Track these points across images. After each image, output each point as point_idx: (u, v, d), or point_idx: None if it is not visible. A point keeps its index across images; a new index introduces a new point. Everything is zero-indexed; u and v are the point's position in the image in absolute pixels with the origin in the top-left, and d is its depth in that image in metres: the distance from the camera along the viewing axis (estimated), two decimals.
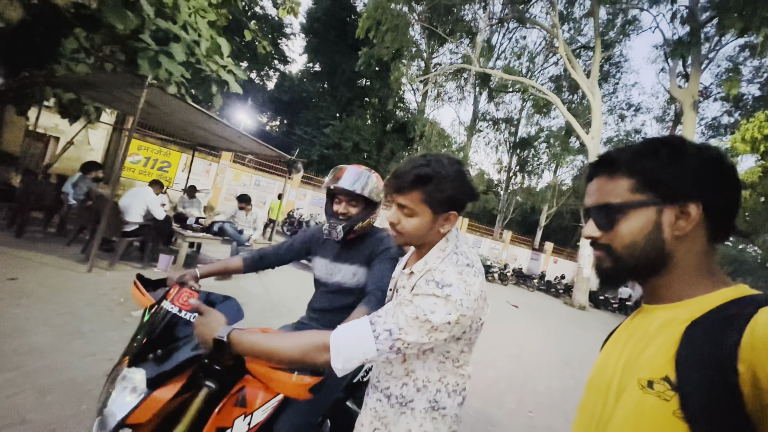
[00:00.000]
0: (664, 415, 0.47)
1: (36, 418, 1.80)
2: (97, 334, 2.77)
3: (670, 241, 0.55)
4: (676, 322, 0.52)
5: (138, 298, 1.17)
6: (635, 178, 0.58)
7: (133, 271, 4.46)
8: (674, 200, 0.55)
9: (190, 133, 6.31)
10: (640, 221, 0.57)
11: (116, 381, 0.91)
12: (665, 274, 0.57)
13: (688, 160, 0.55)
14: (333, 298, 1.47)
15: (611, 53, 20.56)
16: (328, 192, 1.43)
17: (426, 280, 0.83)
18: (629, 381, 0.52)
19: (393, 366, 0.91)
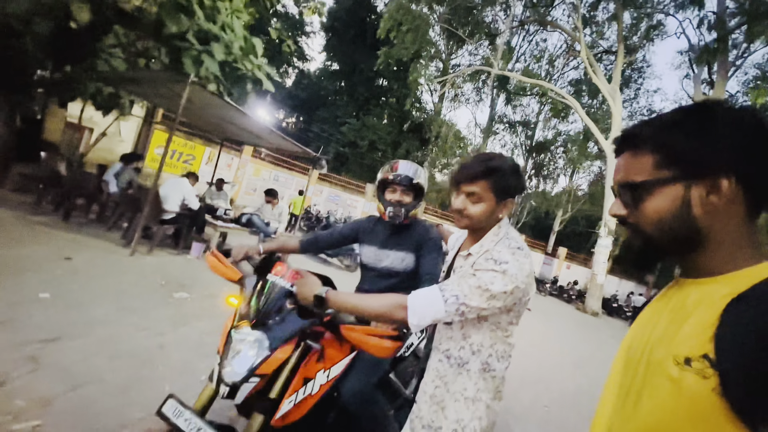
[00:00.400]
0: (703, 393, 0.45)
1: (110, 379, 2.03)
2: (147, 311, 3.02)
3: (702, 218, 0.52)
4: (715, 297, 0.49)
5: (221, 270, 1.34)
6: (660, 154, 0.54)
7: (169, 257, 4.74)
8: (704, 175, 0.51)
9: (221, 128, 6.59)
10: (666, 199, 0.54)
11: (241, 341, 1.08)
12: (701, 250, 0.54)
13: (716, 130, 0.51)
14: (381, 281, 1.66)
15: (634, 58, 20.26)
16: (381, 183, 1.61)
17: (485, 258, 0.99)
18: (665, 357, 0.50)
19: (453, 331, 1.06)
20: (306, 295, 1.03)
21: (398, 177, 1.55)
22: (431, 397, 1.05)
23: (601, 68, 18.24)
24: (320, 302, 1.01)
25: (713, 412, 0.44)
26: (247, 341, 1.07)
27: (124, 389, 1.98)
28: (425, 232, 1.61)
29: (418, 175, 1.56)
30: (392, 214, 1.55)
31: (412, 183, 1.55)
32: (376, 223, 1.73)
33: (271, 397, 1.08)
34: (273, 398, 1.08)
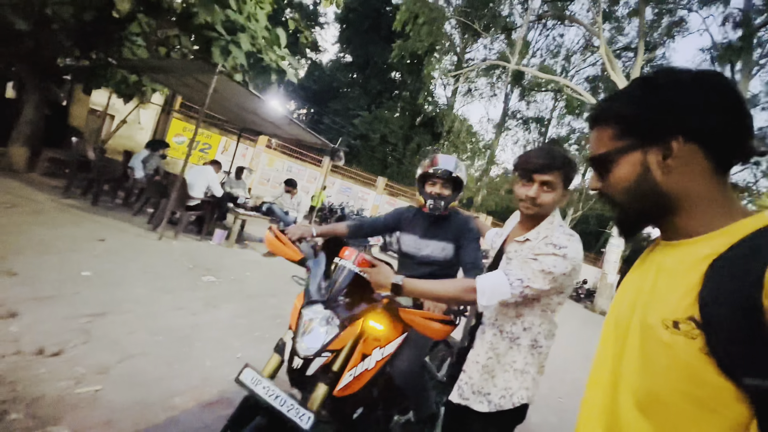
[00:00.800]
0: (691, 353, 0.47)
1: (154, 353, 2.16)
2: (180, 292, 3.15)
3: (664, 180, 0.54)
4: (697, 258, 0.50)
5: (280, 249, 1.41)
6: (617, 125, 0.58)
7: (192, 242, 4.88)
8: (656, 140, 0.54)
9: (241, 118, 6.69)
10: (628, 167, 0.57)
11: (313, 319, 1.17)
12: (676, 213, 0.55)
13: (660, 95, 0.54)
14: (420, 268, 1.73)
15: (654, 56, 19.83)
16: (422, 176, 1.68)
17: (545, 243, 1.10)
18: (655, 321, 0.51)
19: (508, 309, 1.15)
20: (382, 283, 1.12)
21: (438, 170, 1.61)
22: (483, 367, 1.16)
23: (619, 65, 17.90)
24: (397, 289, 1.11)
25: (702, 369, 0.46)
26: (319, 319, 1.16)
27: (169, 363, 2.11)
28: (464, 223, 1.67)
29: (458, 169, 1.63)
30: (432, 206, 1.62)
31: (451, 176, 1.62)
32: (416, 213, 1.80)
33: (334, 370, 1.17)
34: (335, 371, 1.17)
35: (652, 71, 0.57)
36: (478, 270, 1.55)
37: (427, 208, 1.63)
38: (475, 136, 24.08)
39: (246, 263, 4.73)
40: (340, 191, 15.83)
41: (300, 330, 1.15)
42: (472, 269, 1.55)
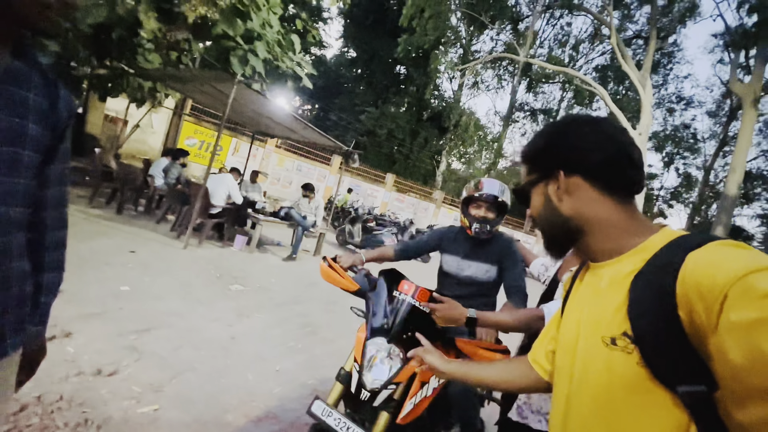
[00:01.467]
0: (630, 366, 0.50)
1: (201, 368, 2.24)
2: (213, 302, 3.24)
3: (563, 207, 0.63)
4: (621, 276, 0.56)
5: (336, 280, 1.46)
6: (528, 164, 0.70)
7: (215, 249, 4.98)
8: (549, 173, 0.64)
9: (255, 121, 6.75)
10: (536, 197, 0.68)
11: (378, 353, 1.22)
12: (589, 234, 0.62)
13: (547, 138, 0.67)
14: (461, 288, 1.78)
15: (665, 44, 19.42)
16: (467, 199, 1.72)
17: None
18: (594, 339, 0.56)
19: None
20: (456, 318, 1.18)
21: (483, 195, 1.65)
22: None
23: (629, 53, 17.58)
24: (471, 322, 1.18)
25: (641, 381, 0.50)
26: (383, 353, 1.21)
27: (215, 377, 2.19)
28: (507, 246, 1.72)
29: (503, 193, 1.66)
30: (478, 230, 1.66)
31: (496, 200, 1.66)
32: (458, 233, 1.85)
33: (395, 398, 1.23)
34: (397, 399, 1.23)
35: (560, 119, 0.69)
36: (522, 293, 1.60)
37: (472, 231, 1.67)
38: (483, 130, 23.87)
39: (269, 269, 4.82)
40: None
41: (366, 363, 1.21)
42: (516, 292, 1.60)
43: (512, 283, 1.63)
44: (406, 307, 1.28)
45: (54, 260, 0.82)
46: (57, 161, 0.77)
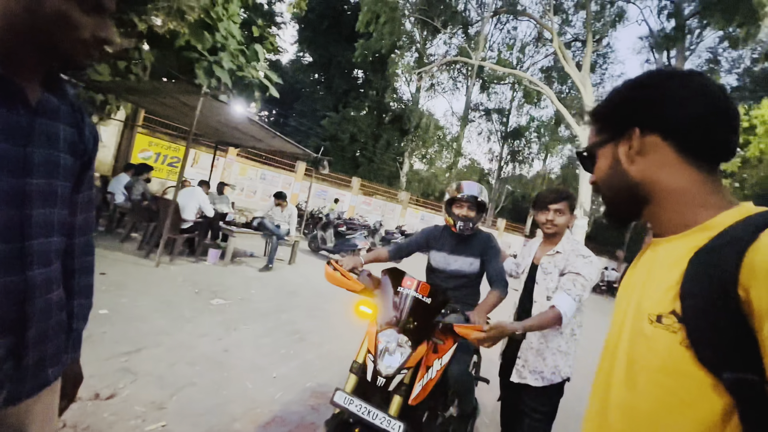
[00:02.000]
0: (673, 346, 0.47)
1: (198, 382, 2.26)
2: (197, 318, 3.21)
3: (633, 170, 0.57)
4: (680, 253, 0.51)
5: (341, 281, 1.59)
6: (597, 123, 0.64)
7: (188, 265, 4.85)
8: (622, 132, 0.58)
9: (220, 132, 6.61)
10: (604, 159, 0.62)
11: (390, 343, 1.36)
12: (655, 203, 0.57)
13: (623, 92, 0.59)
14: (449, 281, 1.98)
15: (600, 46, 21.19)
16: (450, 200, 1.92)
17: (575, 255, 1.59)
18: (641, 316, 0.53)
19: None
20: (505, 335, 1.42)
21: (465, 196, 1.86)
22: (537, 351, 1.60)
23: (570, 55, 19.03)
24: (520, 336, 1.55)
25: (683, 363, 0.47)
26: (394, 343, 1.36)
27: (215, 389, 2.22)
28: (488, 241, 1.94)
29: (482, 194, 1.88)
30: (462, 228, 1.86)
31: (476, 200, 1.87)
32: (443, 232, 2.04)
33: (405, 383, 1.38)
34: (407, 383, 1.38)
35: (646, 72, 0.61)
36: (503, 281, 1.82)
37: (456, 229, 1.87)
38: (442, 130, 24.67)
39: (247, 281, 4.78)
40: (315, 195, 15.80)
41: (379, 353, 1.35)
42: (498, 280, 1.81)
43: (494, 273, 1.85)
44: (410, 301, 1.44)
45: (84, 286, 0.84)
46: (84, 188, 0.80)
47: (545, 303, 1.58)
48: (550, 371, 1.58)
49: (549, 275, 1.64)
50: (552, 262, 1.65)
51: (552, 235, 1.70)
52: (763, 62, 17.30)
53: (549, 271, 1.65)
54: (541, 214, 1.69)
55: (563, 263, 1.61)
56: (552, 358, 1.59)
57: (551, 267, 1.65)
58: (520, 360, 1.63)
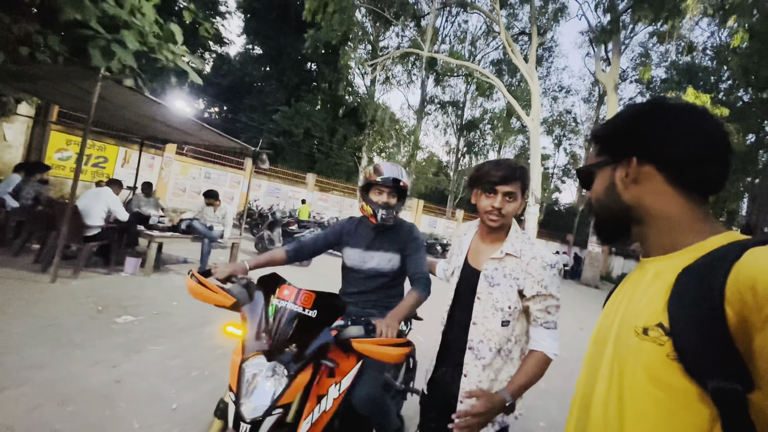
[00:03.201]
0: (659, 358, 0.49)
1: (65, 428, 1.81)
2: (92, 342, 2.70)
3: (626, 194, 0.60)
4: (668, 270, 0.53)
5: (207, 296, 1.22)
6: (599, 144, 0.66)
7: (98, 278, 4.21)
8: (621, 158, 0.61)
9: (141, 126, 5.89)
10: (601, 179, 0.65)
11: (257, 374, 1.03)
12: (646, 225, 0.60)
13: (622, 119, 0.62)
14: (367, 282, 1.69)
15: (545, 39, 22.03)
16: (366, 185, 1.62)
17: (541, 265, 1.13)
18: (627, 329, 0.54)
19: (508, 330, 1.16)
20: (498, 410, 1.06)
21: (385, 179, 1.57)
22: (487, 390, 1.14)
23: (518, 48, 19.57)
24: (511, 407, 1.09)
25: (668, 374, 0.48)
26: (263, 373, 1.03)
27: None
28: (410, 232, 1.66)
29: (403, 176, 1.60)
30: (385, 217, 1.57)
31: (397, 184, 1.59)
32: (359, 224, 1.74)
33: (288, 422, 1.06)
34: (290, 422, 1.07)
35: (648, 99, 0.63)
36: (425, 279, 1.55)
37: (377, 219, 1.58)
38: (399, 123, 24.54)
39: (171, 291, 4.23)
40: (268, 193, 15.04)
41: (243, 389, 1.02)
42: (419, 279, 1.55)
43: (415, 270, 1.58)
44: (288, 316, 1.12)
45: None
46: None
47: (494, 329, 1.14)
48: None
49: (496, 287, 1.15)
50: (500, 269, 1.16)
51: (496, 229, 1.19)
52: (686, 55, 18.83)
53: (496, 281, 1.15)
54: (484, 197, 1.17)
55: (520, 273, 1.14)
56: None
57: (499, 276, 1.15)
58: (463, 405, 1.12)
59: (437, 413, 1.22)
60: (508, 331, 1.15)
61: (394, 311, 1.35)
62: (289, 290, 1.17)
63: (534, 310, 1.14)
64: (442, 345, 1.26)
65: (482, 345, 1.15)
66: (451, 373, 1.22)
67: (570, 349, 5.04)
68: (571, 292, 12.51)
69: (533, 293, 1.12)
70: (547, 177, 27.90)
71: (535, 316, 1.14)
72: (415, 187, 24.04)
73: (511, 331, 1.16)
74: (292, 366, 1.06)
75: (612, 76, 16.28)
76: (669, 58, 22.79)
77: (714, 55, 20.43)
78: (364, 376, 1.36)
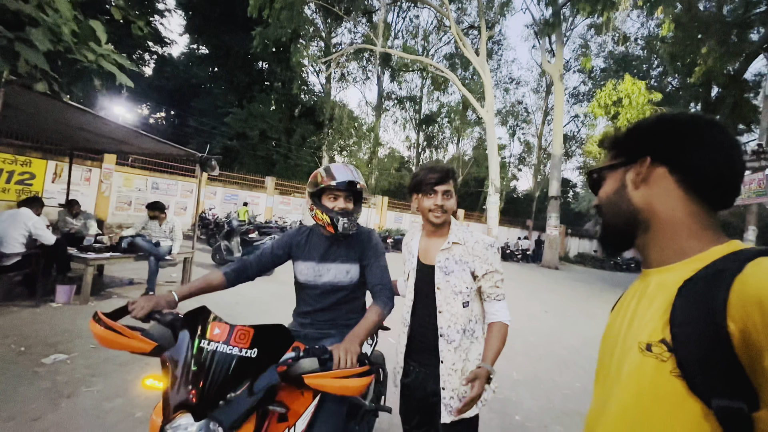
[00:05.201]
0: (662, 375, 0.48)
1: None
2: (8, 393, 2.29)
3: (634, 194, 0.60)
4: (670, 283, 0.53)
5: (119, 342, 0.98)
6: (614, 147, 0.66)
7: (24, 313, 3.68)
8: (633, 159, 0.60)
9: (66, 136, 5.25)
10: (611, 182, 0.64)
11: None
12: (651, 232, 0.59)
13: (643, 123, 0.62)
14: (324, 298, 1.51)
15: (494, 33, 22.68)
16: (319, 191, 1.43)
17: (483, 247, 1.30)
18: (632, 344, 0.54)
19: (469, 311, 1.29)
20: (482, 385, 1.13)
21: (341, 183, 1.39)
22: (461, 371, 1.25)
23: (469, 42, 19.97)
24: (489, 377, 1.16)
25: (672, 392, 0.47)
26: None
27: None
28: (368, 239, 1.50)
29: (358, 177, 1.44)
30: (347, 225, 1.40)
31: (354, 187, 1.42)
32: (310, 234, 1.55)
33: None
34: None
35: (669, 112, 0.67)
36: (387, 291, 1.41)
37: (337, 229, 1.40)
38: (357, 121, 24.28)
39: None
40: (224, 200, 14.28)
41: None
42: (381, 291, 1.40)
43: (376, 281, 1.43)
44: (221, 360, 0.92)
45: None
46: None
47: (458, 312, 1.27)
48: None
49: (452, 275, 1.28)
50: (451, 257, 1.31)
51: (440, 225, 1.34)
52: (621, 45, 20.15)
53: (450, 269, 1.29)
54: (426, 198, 1.32)
55: (468, 257, 1.29)
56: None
57: (451, 264, 1.30)
58: (446, 392, 1.23)
59: (420, 417, 1.33)
60: (469, 311, 1.29)
61: (354, 332, 1.18)
62: (221, 328, 0.97)
63: (486, 288, 1.30)
64: (408, 342, 1.36)
65: (450, 329, 1.27)
66: (423, 373, 1.31)
67: (537, 333, 5.16)
68: (536, 276, 13.01)
69: (483, 272, 1.28)
70: (504, 166, 28.94)
71: (487, 293, 1.30)
72: (379, 184, 23.94)
73: (471, 312, 1.29)
74: (229, 421, 0.87)
75: (557, 67, 17.05)
76: (606, 48, 24.35)
77: (645, 45, 22.08)
78: (322, 412, 1.19)
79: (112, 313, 1.06)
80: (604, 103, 13.33)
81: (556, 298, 8.71)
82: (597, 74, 24.91)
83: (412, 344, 1.35)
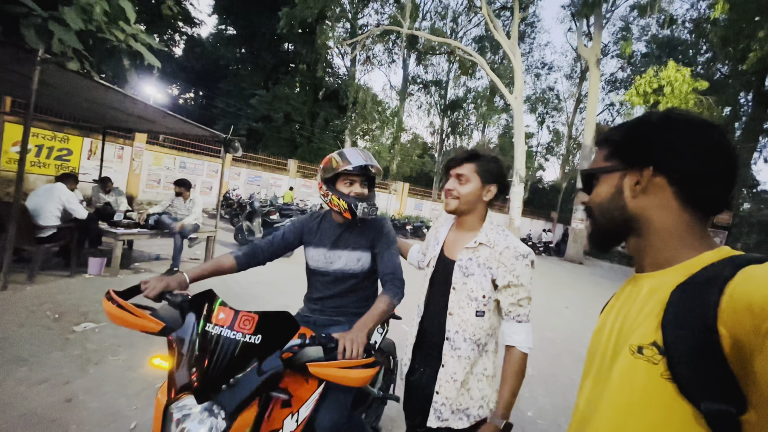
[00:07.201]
0: (653, 378, 0.48)
1: None
2: (42, 357, 2.45)
3: (632, 203, 0.59)
4: (662, 287, 0.53)
5: (130, 321, 1.00)
6: (609, 148, 0.63)
7: (59, 282, 3.91)
8: (633, 165, 0.59)
9: (100, 115, 5.43)
10: (607, 185, 0.63)
11: (186, 419, 0.84)
12: (643, 238, 0.60)
13: (645, 128, 0.59)
14: (335, 286, 1.49)
15: (527, 14, 21.60)
16: (334, 176, 1.40)
17: (514, 255, 1.12)
18: (622, 347, 0.54)
19: (483, 321, 1.16)
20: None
21: (357, 167, 1.36)
22: (461, 383, 1.14)
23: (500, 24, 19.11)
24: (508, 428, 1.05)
25: (662, 394, 0.48)
26: (194, 417, 0.84)
27: None
28: (381, 227, 1.47)
29: (372, 161, 1.41)
30: (366, 211, 1.37)
31: (369, 171, 1.40)
32: (322, 220, 1.53)
33: None
34: None
35: (661, 111, 0.60)
36: (398, 280, 1.37)
37: (356, 214, 1.37)
38: (381, 105, 23.98)
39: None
40: (248, 181, 14.57)
41: None
42: (391, 281, 1.36)
43: (387, 270, 1.39)
44: (223, 345, 0.92)
45: None
46: None
47: (469, 319, 1.14)
48: (477, 406, 1.14)
49: (471, 277, 1.15)
50: (474, 258, 1.16)
51: (459, 214, 1.22)
52: (666, 28, 18.76)
53: (471, 271, 1.15)
54: (446, 182, 1.23)
55: (493, 262, 1.13)
56: (478, 386, 1.15)
57: (473, 266, 1.15)
58: (440, 397, 1.14)
59: (422, 418, 1.23)
60: (484, 323, 1.16)
61: (362, 321, 1.16)
62: (226, 313, 0.96)
63: (505, 304, 1.13)
64: (418, 335, 1.27)
65: (458, 336, 1.16)
66: (427, 374, 1.22)
67: (556, 329, 5.04)
68: (558, 270, 12.67)
69: (505, 283, 1.12)
70: (531, 155, 27.97)
71: (506, 310, 1.14)
72: (400, 170, 23.75)
73: (485, 323, 1.16)
74: (232, 404, 0.87)
75: (594, 51, 16.11)
76: (649, 31, 22.73)
77: (693, 28, 20.44)
78: (327, 400, 1.18)
79: (125, 292, 1.08)
80: (644, 90, 12.51)
81: (577, 293, 8.47)
82: (637, 60, 23.36)
83: (423, 338, 1.27)
